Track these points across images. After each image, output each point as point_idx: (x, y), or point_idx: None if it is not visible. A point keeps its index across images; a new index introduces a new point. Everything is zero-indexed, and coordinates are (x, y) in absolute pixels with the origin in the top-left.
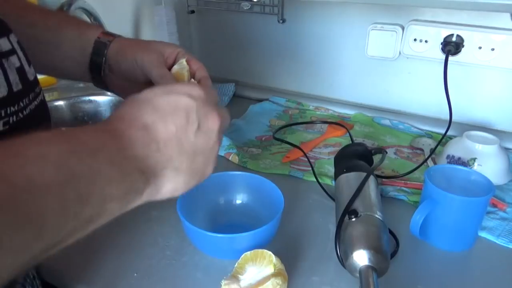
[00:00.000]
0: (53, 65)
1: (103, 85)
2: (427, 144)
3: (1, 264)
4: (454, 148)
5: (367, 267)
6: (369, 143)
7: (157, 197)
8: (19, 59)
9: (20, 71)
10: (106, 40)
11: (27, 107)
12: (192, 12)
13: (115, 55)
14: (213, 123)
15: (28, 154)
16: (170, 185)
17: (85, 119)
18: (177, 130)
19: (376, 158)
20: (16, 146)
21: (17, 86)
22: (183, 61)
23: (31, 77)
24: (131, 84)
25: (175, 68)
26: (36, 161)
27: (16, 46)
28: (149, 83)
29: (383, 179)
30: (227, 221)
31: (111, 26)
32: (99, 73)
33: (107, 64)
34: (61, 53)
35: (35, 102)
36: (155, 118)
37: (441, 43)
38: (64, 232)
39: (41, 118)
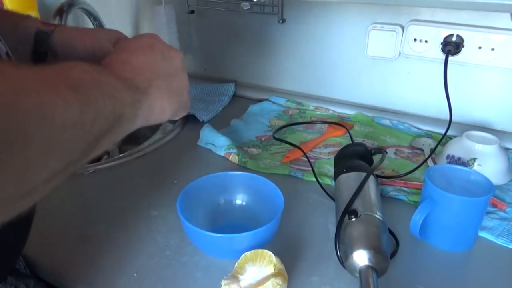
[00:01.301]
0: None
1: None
2: (427, 144)
3: (76, 127)
4: (454, 148)
5: (367, 267)
6: (369, 143)
7: (152, 117)
8: (4, 45)
9: (8, 57)
10: (47, 29)
11: None
12: (192, 12)
13: (63, 44)
14: (174, 52)
15: (65, 66)
16: (158, 102)
17: None
18: (146, 59)
19: (376, 158)
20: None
21: None
22: None
23: None
24: None
25: None
26: (73, 68)
27: None
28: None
29: (383, 179)
30: (227, 221)
31: (111, 26)
32: (43, 62)
33: (51, 53)
34: None
35: None
36: (127, 55)
37: (441, 43)
38: (105, 119)
39: None
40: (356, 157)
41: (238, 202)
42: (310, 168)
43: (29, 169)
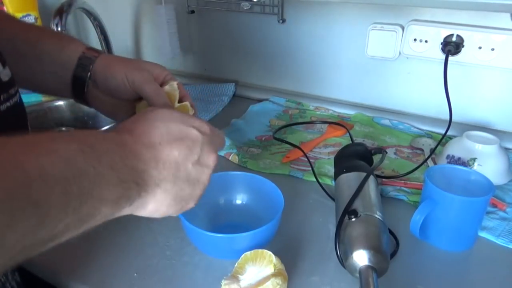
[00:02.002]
0: (34, 80)
1: (84, 101)
2: (427, 144)
3: (7, 245)
4: (454, 148)
5: (367, 267)
6: (369, 143)
7: (140, 213)
8: None
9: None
10: (91, 55)
11: None
12: (192, 12)
13: (103, 71)
14: (211, 160)
15: (42, 147)
16: (155, 204)
17: (85, 119)
18: (179, 156)
19: (376, 158)
20: (32, 139)
21: None
22: (174, 84)
23: (4, 78)
24: (115, 100)
25: (166, 88)
26: (49, 154)
27: None
28: (133, 101)
29: (383, 179)
30: (227, 221)
31: (111, 26)
32: (82, 88)
33: (91, 80)
34: (42, 67)
35: (8, 104)
36: (162, 141)
37: (441, 43)
38: (61, 225)
39: (14, 122)
40: (356, 157)
41: (238, 202)
42: (310, 168)
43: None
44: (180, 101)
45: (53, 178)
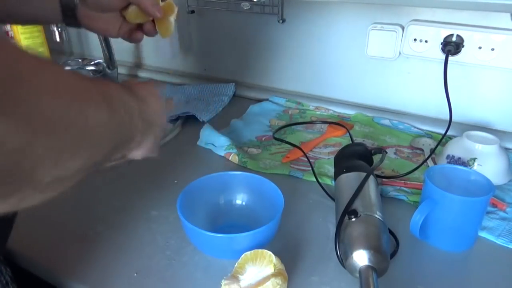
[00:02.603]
0: (22, 12)
1: (74, 21)
2: (427, 144)
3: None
4: (454, 148)
5: (367, 267)
6: (369, 143)
7: (134, 153)
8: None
9: None
10: None
11: None
12: (192, 12)
13: None
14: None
15: (98, 82)
16: (145, 145)
17: None
18: (159, 107)
19: (376, 158)
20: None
21: None
22: None
23: None
24: (105, 15)
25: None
26: (106, 84)
27: None
28: (119, 11)
29: (383, 179)
30: (227, 221)
31: None
32: (72, 10)
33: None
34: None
35: None
36: (147, 95)
37: (441, 43)
38: (111, 145)
39: None
40: (356, 157)
41: (238, 202)
42: (310, 168)
43: (62, 158)
44: None
45: (116, 100)
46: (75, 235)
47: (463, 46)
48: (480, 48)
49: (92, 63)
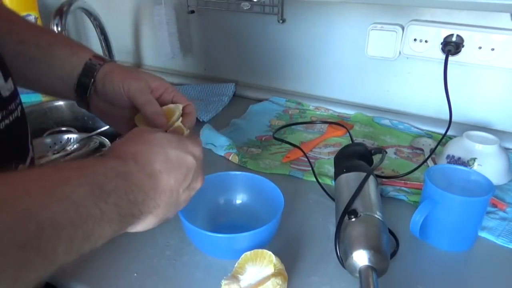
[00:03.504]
0: (39, 82)
1: (85, 106)
2: (427, 144)
3: None
4: (454, 148)
5: (367, 267)
6: (369, 143)
7: (128, 230)
8: None
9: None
10: (97, 62)
11: None
12: (192, 12)
13: (103, 78)
14: (199, 184)
15: (55, 192)
16: (141, 227)
17: (85, 119)
18: (175, 184)
19: (376, 158)
20: (47, 181)
21: None
22: (180, 106)
23: (5, 93)
24: (113, 109)
25: (171, 106)
26: (61, 201)
27: None
28: (130, 109)
29: (383, 179)
30: (227, 221)
31: (111, 26)
32: (85, 94)
33: (94, 86)
34: (50, 72)
35: (7, 121)
36: (162, 169)
37: (441, 43)
38: (63, 263)
39: (13, 139)
40: (356, 157)
41: (238, 202)
42: (310, 168)
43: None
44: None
45: (61, 225)
46: None
47: (463, 46)
48: (480, 48)
49: None
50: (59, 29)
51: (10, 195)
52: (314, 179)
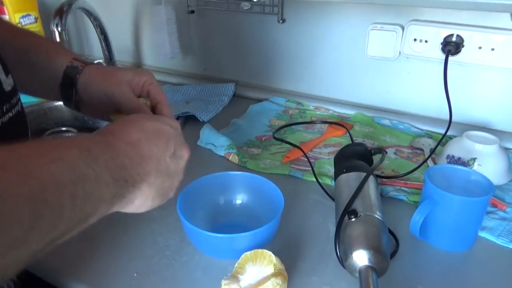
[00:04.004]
0: (26, 85)
1: (75, 109)
2: (427, 144)
3: (30, 244)
4: (454, 148)
5: (367, 267)
6: (369, 143)
7: (129, 208)
8: None
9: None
10: (77, 65)
11: None
12: (192, 12)
13: (84, 86)
14: (185, 152)
15: (48, 155)
16: (141, 199)
17: (85, 119)
18: (158, 151)
19: (376, 158)
20: (38, 148)
21: None
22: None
23: (7, 88)
24: (100, 109)
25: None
26: (55, 162)
27: None
28: (117, 109)
29: (383, 179)
30: (227, 221)
31: (111, 26)
32: (70, 97)
33: (77, 95)
34: (33, 75)
35: (9, 114)
36: (140, 137)
37: (441, 43)
38: (70, 225)
39: (16, 131)
40: (356, 157)
41: (238, 202)
42: (310, 168)
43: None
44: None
45: (62, 182)
46: (75, 235)
47: (463, 46)
48: (480, 48)
49: None
50: (59, 29)
51: (8, 159)
52: (314, 179)
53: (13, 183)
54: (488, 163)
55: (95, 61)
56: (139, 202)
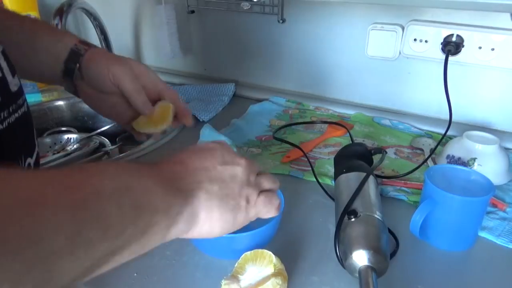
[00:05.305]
0: (27, 69)
1: (73, 91)
2: (427, 144)
3: (75, 256)
4: (454, 148)
5: (367, 267)
6: (369, 143)
7: (197, 226)
8: (1, 69)
9: (1, 82)
10: (82, 48)
11: (5, 121)
12: (192, 12)
13: (87, 63)
14: (238, 159)
15: (90, 170)
16: (204, 211)
17: (85, 119)
18: (204, 161)
19: (376, 158)
20: (78, 166)
21: None
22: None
23: (14, 88)
24: (99, 94)
25: (164, 103)
26: (97, 174)
27: None
28: (115, 95)
29: (383, 179)
30: None
31: (111, 26)
32: (71, 79)
33: (80, 71)
34: (37, 58)
35: (16, 115)
36: (183, 156)
37: (441, 43)
38: (122, 237)
39: (21, 132)
40: (356, 157)
41: None
42: (310, 168)
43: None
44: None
45: (105, 193)
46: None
47: (463, 46)
48: (480, 48)
49: None
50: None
51: (51, 174)
52: (314, 179)
53: (54, 193)
54: (488, 163)
55: None
56: (205, 216)
